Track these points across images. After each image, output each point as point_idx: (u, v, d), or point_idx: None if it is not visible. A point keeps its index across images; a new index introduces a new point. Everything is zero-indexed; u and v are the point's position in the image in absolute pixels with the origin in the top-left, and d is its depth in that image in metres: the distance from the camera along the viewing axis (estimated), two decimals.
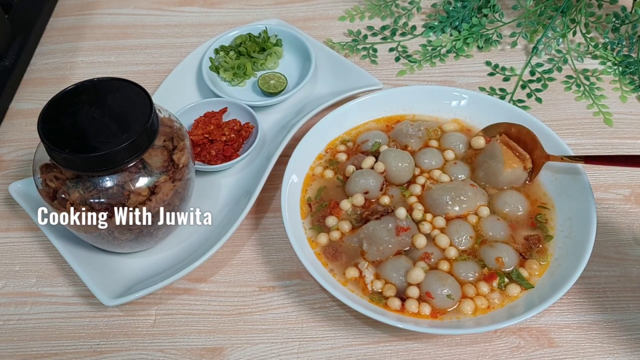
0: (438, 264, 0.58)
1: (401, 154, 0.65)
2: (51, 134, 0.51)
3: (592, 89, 0.78)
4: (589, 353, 0.56)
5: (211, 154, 0.69)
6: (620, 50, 0.82)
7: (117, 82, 0.55)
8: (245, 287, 0.62)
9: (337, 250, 0.60)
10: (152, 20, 0.92)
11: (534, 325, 0.58)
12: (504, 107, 0.69)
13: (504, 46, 0.86)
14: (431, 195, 0.62)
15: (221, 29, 0.89)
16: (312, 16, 0.91)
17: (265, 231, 0.66)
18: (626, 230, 0.65)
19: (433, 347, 0.56)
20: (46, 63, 0.87)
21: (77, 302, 0.61)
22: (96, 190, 0.53)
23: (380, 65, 0.84)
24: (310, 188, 0.65)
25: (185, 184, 0.58)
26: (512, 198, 0.62)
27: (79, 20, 0.93)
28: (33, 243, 0.66)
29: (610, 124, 0.75)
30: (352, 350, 0.57)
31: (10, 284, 0.63)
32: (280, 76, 0.79)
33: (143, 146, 0.52)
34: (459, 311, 0.55)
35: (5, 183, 0.69)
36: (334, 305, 0.60)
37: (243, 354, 0.57)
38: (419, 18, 0.90)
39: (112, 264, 0.62)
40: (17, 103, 0.81)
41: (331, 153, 0.68)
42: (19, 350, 0.58)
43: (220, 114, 0.73)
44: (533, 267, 0.57)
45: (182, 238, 0.64)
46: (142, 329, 0.59)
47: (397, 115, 0.71)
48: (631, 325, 0.57)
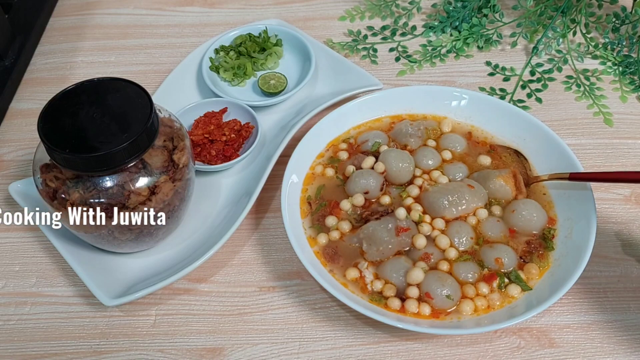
0: (438, 265, 0.58)
1: (401, 154, 0.65)
2: (51, 134, 0.51)
3: (592, 89, 0.78)
4: (590, 353, 0.56)
5: (211, 154, 0.69)
6: (620, 50, 0.82)
7: (117, 82, 0.55)
8: (246, 287, 0.62)
9: (337, 250, 0.60)
10: (152, 20, 0.92)
11: (534, 325, 0.58)
12: (504, 107, 0.69)
13: (504, 46, 0.86)
14: (428, 197, 0.62)
15: (221, 29, 0.89)
16: (312, 16, 0.91)
17: (265, 231, 0.66)
18: (626, 230, 0.64)
19: (433, 348, 0.56)
20: (46, 63, 0.87)
21: (77, 302, 0.61)
22: (96, 190, 0.53)
23: (380, 65, 0.84)
24: (310, 187, 0.65)
25: (185, 184, 0.58)
26: (531, 206, 0.61)
27: (79, 20, 0.93)
28: (33, 243, 0.66)
29: (611, 124, 0.75)
30: (353, 350, 0.57)
31: (10, 284, 0.63)
32: (281, 76, 0.79)
33: (143, 146, 0.52)
34: (458, 311, 0.55)
35: (5, 183, 0.69)
36: (334, 306, 0.60)
37: (243, 354, 0.57)
38: (419, 18, 0.90)
39: (112, 264, 0.62)
40: (17, 103, 0.81)
41: (332, 150, 0.68)
42: (19, 350, 0.58)
43: (220, 114, 0.73)
44: (532, 272, 0.57)
45: (182, 238, 0.64)
46: (142, 329, 0.59)
47: (397, 115, 0.71)
48: (631, 325, 0.57)
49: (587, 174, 0.59)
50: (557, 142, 0.64)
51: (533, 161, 0.66)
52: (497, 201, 0.63)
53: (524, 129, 0.67)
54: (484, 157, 0.67)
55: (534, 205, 0.61)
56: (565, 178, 0.60)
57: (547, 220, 0.61)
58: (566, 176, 0.60)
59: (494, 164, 0.66)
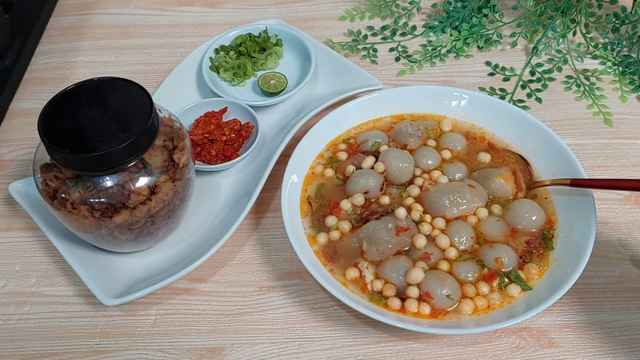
0: (438, 264, 0.58)
1: (401, 154, 0.65)
2: (51, 133, 0.51)
3: (592, 89, 0.78)
4: (589, 353, 0.56)
5: (211, 154, 0.69)
6: (620, 50, 0.82)
7: (117, 82, 0.55)
8: (245, 287, 0.62)
9: (337, 250, 0.60)
10: (152, 20, 0.92)
11: (534, 325, 0.58)
12: (504, 107, 0.69)
13: (504, 46, 0.86)
14: (429, 197, 0.62)
15: (221, 29, 0.89)
16: (312, 16, 0.91)
17: (265, 231, 0.66)
18: (626, 230, 0.65)
19: (433, 347, 0.56)
20: (46, 63, 0.87)
21: (77, 302, 0.61)
22: (96, 190, 0.53)
23: (380, 65, 0.84)
24: (310, 187, 0.65)
25: (186, 183, 0.58)
26: (530, 207, 0.61)
27: (79, 20, 0.93)
28: (33, 243, 0.66)
29: (611, 124, 0.75)
30: (353, 350, 0.57)
31: (10, 283, 0.63)
32: (281, 76, 0.79)
33: (143, 146, 0.52)
34: (458, 311, 0.55)
35: (5, 183, 0.69)
36: (334, 305, 0.60)
37: (243, 354, 0.57)
38: (419, 18, 0.90)
39: (112, 264, 0.62)
40: (17, 103, 0.81)
41: (332, 151, 0.68)
42: (19, 349, 0.58)
43: (220, 114, 0.73)
44: (532, 272, 0.57)
45: (182, 238, 0.64)
46: (142, 329, 0.59)
47: (397, 115, 0.71)
48: (631, 325, 0.57)
49: (588, 181, 0.59)
50: (557, 142, 0.64)
51: (533, 161, 0.66)
52: (497, 200, 0.63)
53: (524, 129, 0.67)
54: (483, 154, 0.67)
55: (533, 204, 0.61)
56: (566, 184, 0.60)
57: (546, 218, 0.61)
58: (567, 182, 0.60)
59: (493, 162, 0.66)
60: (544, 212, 0.61)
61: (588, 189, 0.59)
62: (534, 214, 0.60)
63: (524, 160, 0.66)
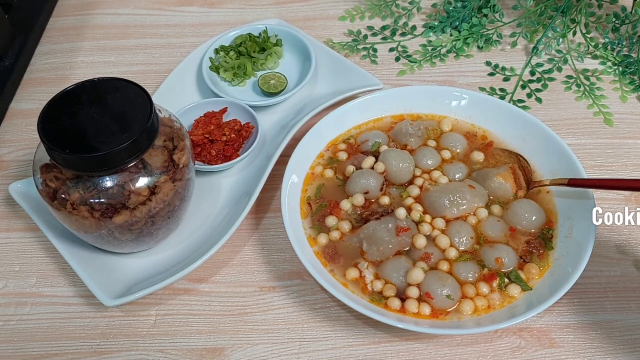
0: (438, 265, 0.58)
1: (401, 154, 0.65)
2: (51, 134, 0.51)
3: (592, 89, 0.78)
4: (590, 353, 0.56)
5: (211, 154, 0.69)
6: (620, 50, 0.82)
7: (117, 82, 0.55)
8: (246, 287, 0.62)
9: (337, 250, 0.60)
10: (152, 20, 0.92)
11: (534, 325, 0.58)
12: (504, 107, 0.69)
13: (504, 46, 0.86)
14: (429, 197, 0.62)
15: (221, 28, 0.89)
16: (312, 16, 0.91)
17: (265, 231, 0.66)
18: (626, 230, 0.64)
19: (434, 348, 0.56)
20: (46, 63, 0.87)
21: (77, 302, 0.61)
22: (96, 190, 0.53)
23: (380, 65, 0.84)
24: (310, 187, 0.65)
25: (186, 184, 0.58)
26: (529, 207, 0.61)
27: (79, 20, 0.93)
28: (33, 243, 0.66)
29: (611, 124, 0.75)
30: (353, 350, 0.57)
31: (10, 284, 0.63)
32: (281, 76, 0.79)
33: (143, 146, 0.52)
34: (458, 311, 0.55)
35: (5, 183, 0.69)
36: (335, 306, 0.60)
37: (243, 354, 0.57)
38: (419, 18, 0.90)
39: (112, 264, 0.62)
40: (17, 103, 0.81)
41: (332, 151, 0.68)
42: (19, 350, 0.58)
43: (220, 114, 0.73)
44: (532, 272, 0.57)
45: (182, 238, 0.64)
46: (143, 329, 0.59)
47: (397, 115, 0.71)
48: (631, 325, 0.57)
49: (586, 181, 0.59)
50: (557, 142, 0.64)
51: (533, 161, 0.66)
52: (497, 199, 0.63)
53: (524, 129, 0.67)
54: (477, 153, 0.67)
55: (532, 204, 0.61)
56: (564, 184, 0.60)
57: (545, 218, 0.61)
58: (565, 182, 0.60)
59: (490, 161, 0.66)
60: (544, 212, 0.61)
61: (588, 191, 0.59)
62: (533, 214, 0.60)
63: (523, 160, 0.66)
